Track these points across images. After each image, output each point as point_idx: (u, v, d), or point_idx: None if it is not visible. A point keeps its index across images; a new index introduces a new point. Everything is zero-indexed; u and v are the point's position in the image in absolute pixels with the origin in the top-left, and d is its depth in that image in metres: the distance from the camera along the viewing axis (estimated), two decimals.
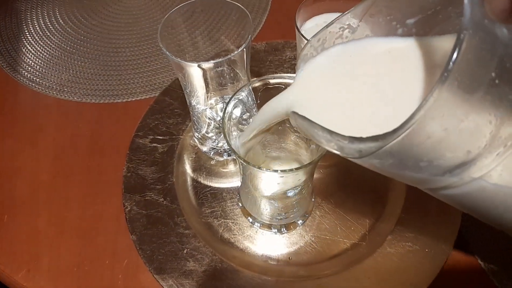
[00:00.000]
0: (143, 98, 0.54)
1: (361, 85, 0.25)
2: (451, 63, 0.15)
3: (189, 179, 0.45)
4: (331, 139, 0.21)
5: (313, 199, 0.42)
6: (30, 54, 0.60)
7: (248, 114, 0.39)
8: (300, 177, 0.33)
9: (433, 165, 0.19)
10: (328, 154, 0.45)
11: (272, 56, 0.55)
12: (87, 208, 0.44)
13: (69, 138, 0.50)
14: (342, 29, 0.27)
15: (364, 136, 0.19)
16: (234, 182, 0.44)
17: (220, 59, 0.34)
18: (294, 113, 0.24)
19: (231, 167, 0.46)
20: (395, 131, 0.17)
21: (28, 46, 0.61)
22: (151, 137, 0.48)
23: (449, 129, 0.17)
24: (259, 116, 0.30)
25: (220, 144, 0.45)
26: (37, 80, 0.57)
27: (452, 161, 0.19)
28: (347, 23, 0.26)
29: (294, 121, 0.25)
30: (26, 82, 0.56)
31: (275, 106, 0.28)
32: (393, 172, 0.21)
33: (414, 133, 0.17)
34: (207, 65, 0.35)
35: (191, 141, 0.47)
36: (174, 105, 0.50)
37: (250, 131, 0.31)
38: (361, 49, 0.26)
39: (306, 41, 0.33)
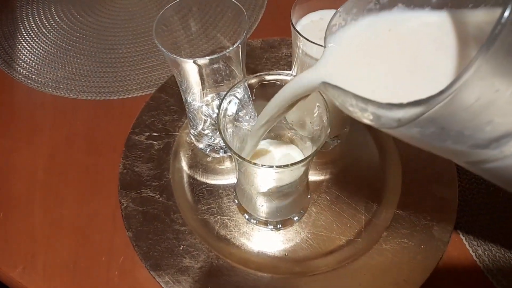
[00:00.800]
0: (139, 95, 0.54)
1: (393, 56, 0.24)
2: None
3: (185, 176, 0.45)
4: (367, 107, 0.19)
5: (309, 196, 0.42)
6: (26, 51, 0.60)
7: (244, 111, 0.39)
8: (295, 173, 0.33)
9: (479, 133, 0.17)
10: (324, 150, 0.45)
11: (268, 53, 0.55)
12: (83, 205, 0.44)
13: (64, 135, 0.50)
14: None
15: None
16: (230, 179, 0.44)
17: (216, 56, 0.34)
18: (326, 83, 0.23)
19: (227, 164, 0.46)
20: (441, 92, 0.16)
21: (23, 43, 0.61)
22: (147, 134, 0.47)
23: (501, 90, 0.16)
24: (285, 91, 0.27)
25: (216, 141, 0.45)
26: (33, 77, 0.56)
27: (501, 128, 0.17)
28: None
29: (325, 92, 0.23)
30: (21, 79, 0.56)
31: (306, 80, 0.26)
32: (432, 143, 0.20)
33: (462, 95, 0.16)
34: (203, 61, 0.35)
35: (187, 138, 0.47)
36: (170, 102, 0.50)
37: (272, 110, 0.29)
38: (392, 21, 0.25)
39: (302, 39, 0.34)
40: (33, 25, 0.64)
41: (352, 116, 0.22)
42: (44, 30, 0.63)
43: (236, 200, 0.42)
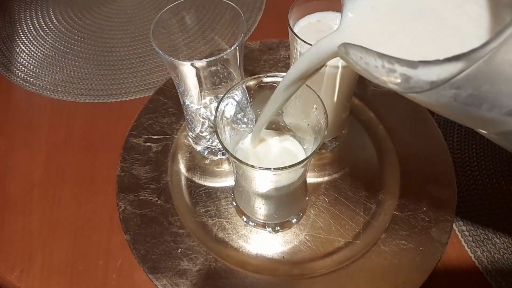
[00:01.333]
0: (137, 97, 0.53)
1: (417, 19, 0.21)
2: None
3: (183, 179, 0.45)
4: (395, 68, 0.17)
5: (307, 198, 0.42)
6: (24, 54, 0.60)
7: (242, 113, 0.39)
8: (293, 174, 0.33)
9: None
10: (322, 152, 0.45)
11: (267, 55, 0.55)
12: (80, 207, 0.43)
13: (62, 138, 0.50)
14: None
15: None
16: (229, 181, 0.44)
17: (213, 58, 0.34)
18: (347, 44, 0.20)
19: (225, 166, 0.46)
20: (486, 44, 0.14)
21: (22, 45, 0.61)
22: (145, 136, 0.47)
23: None
24: (304, 59, 0.26)
25: (214, 143, 0.45)
26: (31, 80, 0.56)
27: None
28: None
29: (345, 54, 0.21)
30: (19, 82, 0.56)
31: (325, 44, 0.24)
32: (465, 109, 0.17)
33: (509, 47, 0.14)
34: (200, 63, 0.35)
35: (185, 140, 0.47)
36: (168, 104, 0.50)
37: (288, 80, 0.28)
38: None
39: (299, 41, 0.34)
40: (31, 28, 0.64)
41: (376, 81, 0.20)
42: (42, 33, 0.63)
43: (234, 203, 0.42)
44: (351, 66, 0.21)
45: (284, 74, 0.29)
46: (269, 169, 0.28)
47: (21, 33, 0.63)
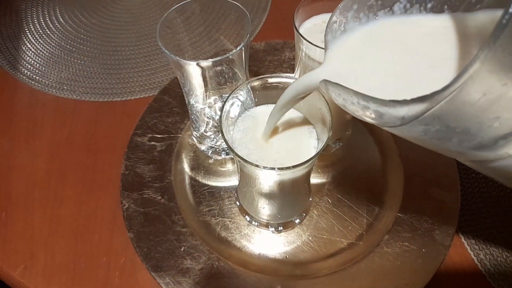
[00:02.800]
0: (142, 96, 0.54)
1: (394, 57, 0.24)
2: None
3: (187, 178, 0.45)
4: (368, 105, 0.19)
5: (310, 198, 0.42)
6: (30, 52, 0.60)
7: (247, 113, 0.39)
8: (297, 174, 0.33)
9: (486, 130, 0.17)
10: (326, 153, 0.46)
11: (271, 56, 0.55)
12: (83, 205, 0.44)
13: (67, 136, 0.50)
14: None
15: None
16: (232, 181, 0.45)
17: (219, 58, 0.34)
18: (326, 81, 0.22)
19: (229, 166, 0.46)
20: (447, 87, 0.15)
21: (28, 44, 0.62)
22: (150, 135, 0.48)
23: (508, 84, 0.15)
24: (288, 92, 0.29)
25: (218, 143, 0.45)
26: (37, 78, 0.57)
27: (509, 124, 0.16)
28: None
29: (325, 90, 0.23)
30: (25, 80, 0.56)
31: (307, 80, 0.26)
32: (437, 142, 0.19)
33: (468, 89, 0.15)
34: (206, 63, 0.35)
35: (190, 139, 0.48)
36: (173, 104, 0.50)
37: (278, 108, 0.30)
38: (393, 22, 0.25)
39: (304, 42, 0.34)
40: (37, 27, 0.64)
41: (354, 115, 0.22)
42: (48, 32, 0.63)
43: (237, 202, 0.42)
44: (332, 99, 0.23)
45: (289, 75, 0.30)
46: (273, 168, 0.29)
47: (27, 31, 0.64)
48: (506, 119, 0.16)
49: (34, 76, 0.57)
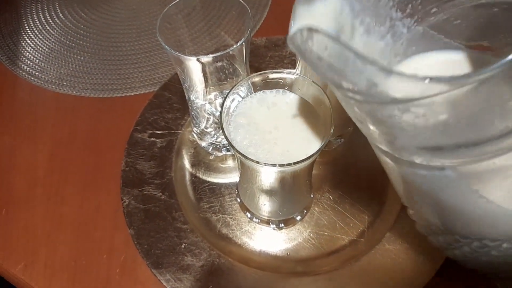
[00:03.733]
0: (142, 92, 0.53)
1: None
2: None
3: (187, 174, 0.45)
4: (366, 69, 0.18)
5: (311, 195, 0.41)
6: (30, 48, 0.60)
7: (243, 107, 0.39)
8: (298, 171, 0.32)
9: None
10: (327, 150, 0.45)
11: (272, 51, 0.55)
12: (84, 202, 0.44)
13: (67, 132, 0.50)
14: None
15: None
16: (233, 177, 0.44)
17: (219, 53, 0.34)
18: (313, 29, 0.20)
19: (230, 162, 0.45)
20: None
21: (27, 40, 0.61)
22: (150, 131, 0.47)
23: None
24: None
25: (219, 139, 0.44)
26: (36, 74, 0.56)
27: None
28: None
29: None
30: (25, 76, 0.56)
31: None
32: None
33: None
34: (206, 59, 0.35)
35: (190, 136, 0.47)
36: (173, 100, 0.50)
37: None
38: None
39: None
40: (37, 23, 0.64)
41: (332, 84, 0.21)
42: (48, 28, 0.63)
43: (238, 199, 0.42)
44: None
45: (290, 70, 0.29)
46: (274, 165, 0.28)
47: (27, 27, 0.63)
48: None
49: (33, 72, 0.57)
